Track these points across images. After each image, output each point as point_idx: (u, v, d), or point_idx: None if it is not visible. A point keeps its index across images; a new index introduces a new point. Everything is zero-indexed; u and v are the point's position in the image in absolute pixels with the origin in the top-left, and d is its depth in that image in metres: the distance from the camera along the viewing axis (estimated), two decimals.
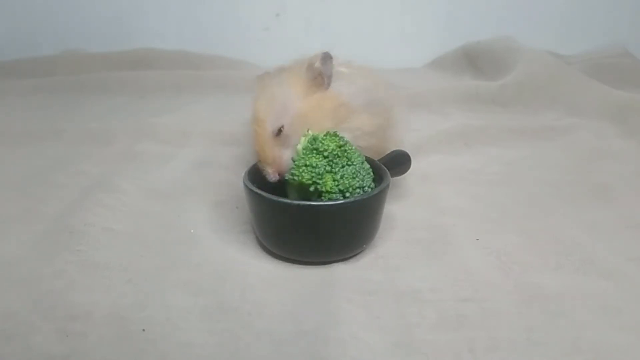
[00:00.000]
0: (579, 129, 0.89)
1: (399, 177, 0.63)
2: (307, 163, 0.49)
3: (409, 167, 0.63)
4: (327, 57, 0.57)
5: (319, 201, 0.49)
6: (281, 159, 0.54)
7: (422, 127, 0.90)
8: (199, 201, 0.64)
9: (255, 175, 0.54)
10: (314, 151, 0.50)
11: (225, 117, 0.92)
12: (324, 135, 0.51)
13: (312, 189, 0.49)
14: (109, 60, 1.27)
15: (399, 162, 0.62)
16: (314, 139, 0.51)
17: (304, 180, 0.49)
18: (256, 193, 0.49)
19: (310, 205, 0.48)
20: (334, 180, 0.49)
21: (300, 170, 0.49)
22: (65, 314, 0.43)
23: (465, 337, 0.41)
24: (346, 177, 0.49)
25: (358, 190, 0.49)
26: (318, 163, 0.49)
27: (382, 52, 1.36)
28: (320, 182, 0.49)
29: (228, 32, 1.40)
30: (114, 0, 1.37)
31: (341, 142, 0.50)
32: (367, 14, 1.41)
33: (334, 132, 0.51)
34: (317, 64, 0.56)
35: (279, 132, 0.54)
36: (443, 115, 0.99)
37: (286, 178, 0.52)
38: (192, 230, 0.57)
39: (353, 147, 0.51)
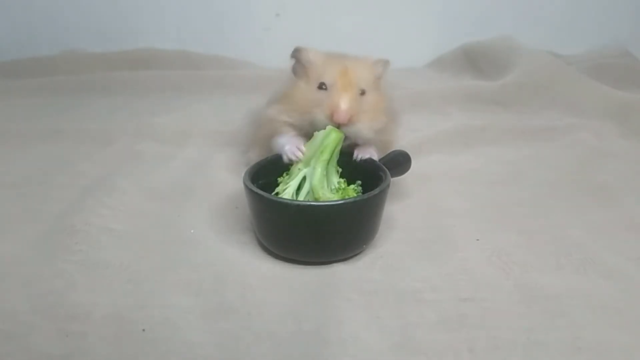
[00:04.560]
0: (579, 129, 0.89)
1: (399, 177, 0.63)
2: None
3: (409, 167, 0.63)
4: (387, 65, 0.63)
5: (319, 201, 0.49)
6: (356, 110, 0.55)
7: (422, 127, 0.90)
8: (199, 201, 0.64)
9: (256, 175, 0.54)
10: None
11: (225, 117, 0.92)
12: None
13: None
14: (109, 60, 1.27)
15: (399, 162, 0.62)
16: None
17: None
18: (256, 193, 0.49)
19: (310, 205, 0.48)
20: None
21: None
22: (65, 314, 0.43)
23: (465, 337, 0.41)
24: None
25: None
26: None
27: (382, 52, 1.36)
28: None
29: (228, 32, 1.40)
30: (114, 0, 1.37)
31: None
32: (367, 13, 1.41)
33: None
34: (380, 69, 0.62)
35: (362, 92, 0.58)
36: (443, 115, 0.99)
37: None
38: (192, 230, 0.57)
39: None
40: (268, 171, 0.56)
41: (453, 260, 0.51)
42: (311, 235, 0.49)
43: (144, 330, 0.41)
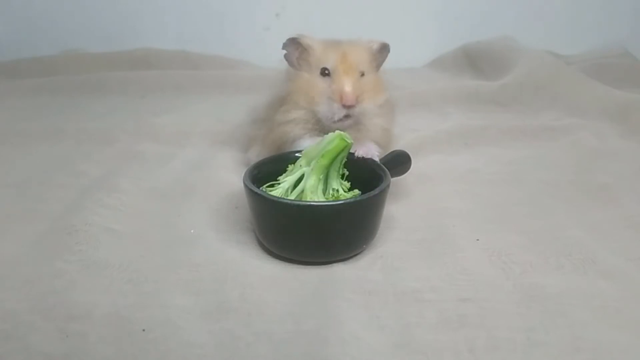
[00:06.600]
0: (579, 129, 0.88)
1: (399, 177, 0.63)
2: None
3: (409, 167, 0.63)
4: (385, 48, 0.65)
5: (319, 201, 0.49)
6: (360, 91, 0.59)
7: (422, 127, 0.90)
8: (199, 201, 0.64)
9: (256, 175, 0.54)
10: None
11: (225, 117, 0.92)
12: None
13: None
14: (109, 60, 1.27)
15: (399, 162, 0.62)
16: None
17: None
18: (256, 193, 0.49)
19: (310, 205, 0.48)
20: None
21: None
22: (65, 314, 0.43)
23: (465, 337, 0.41)
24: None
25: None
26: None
27: None
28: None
29: (228, 32, 1.40)
30: (113, 0, 1.37)
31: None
32: (367, 13, 1.41)
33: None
34: (376, 48, 0.64)
35: (362, 74, 0.60)
36: (443, 115, 0.99)
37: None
38: (192, 230, 0.57)
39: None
40: (268, 171, 0.56)
41: (453, 260, 0.51)
42: (311, 235, 0.49)
43: (144, 330, 0.41)
